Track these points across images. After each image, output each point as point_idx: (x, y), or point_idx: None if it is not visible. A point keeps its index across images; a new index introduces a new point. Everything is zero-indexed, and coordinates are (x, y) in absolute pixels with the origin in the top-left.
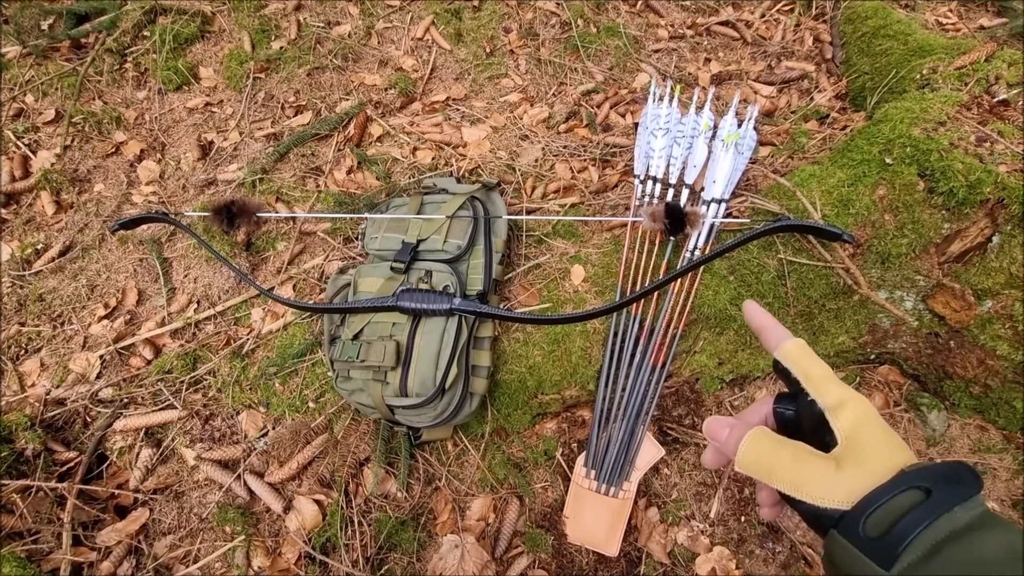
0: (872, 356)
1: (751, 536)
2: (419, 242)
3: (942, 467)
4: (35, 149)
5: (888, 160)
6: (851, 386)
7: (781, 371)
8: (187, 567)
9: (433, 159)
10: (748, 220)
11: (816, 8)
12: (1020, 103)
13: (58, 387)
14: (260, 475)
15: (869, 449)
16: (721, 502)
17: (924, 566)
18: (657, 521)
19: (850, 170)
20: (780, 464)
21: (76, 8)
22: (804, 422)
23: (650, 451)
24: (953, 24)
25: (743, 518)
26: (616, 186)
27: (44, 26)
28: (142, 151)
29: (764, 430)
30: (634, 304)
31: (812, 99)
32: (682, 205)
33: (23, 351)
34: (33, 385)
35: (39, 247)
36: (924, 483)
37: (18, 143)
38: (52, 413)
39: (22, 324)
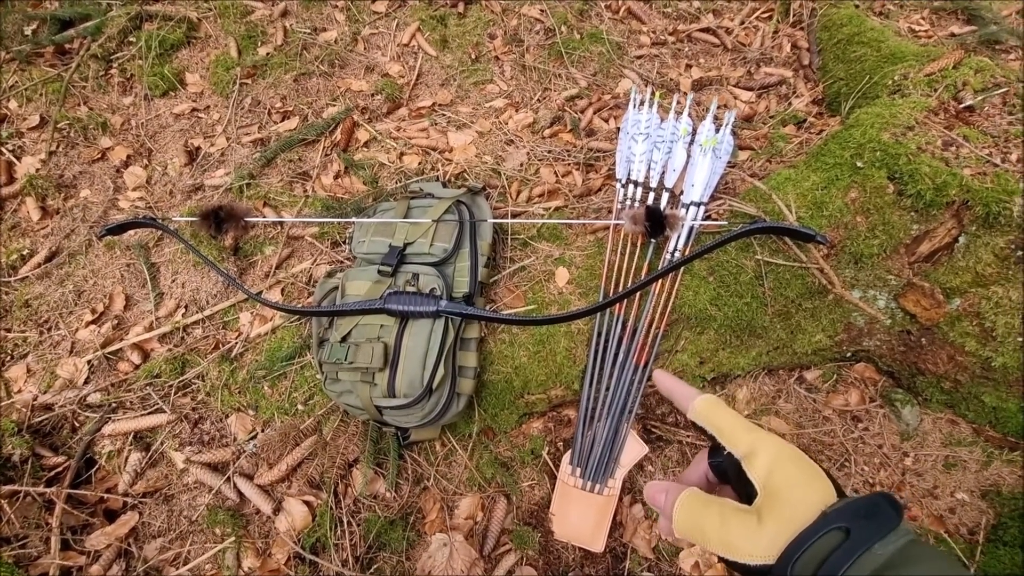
0: (848, 354)
1: None
2: (406, 246)
3: (862, 502)
4: (20, 155)
5: (859, 164)
6: (830, 381)
7: (699, 428)
8: (177, 569)
9: (419, 164)
10: (726, 222)
11: (793, 15)
12: (986, 108)
13: (45, 392)
14: (250, 477)
15: (786, 493)
16: None
17: None
18: (642, 517)
19: (824, 174)
20: (709, 526)
21: (60, 13)
22: (731, 472)
23: (634, 449)
24: (926, 31)
25: None
26: (599, 190)
27: (27, 31)
28: (128, 157)
29: (693, 492)
30: (617, 305)
31: (790, 104)
32: (662, 208)
33: (9, 357)
34: (20, 391)
35: (25, 253)
36: (843, 523)
37: (2, 148)
38: (40, 418)
39: (8, 330)
